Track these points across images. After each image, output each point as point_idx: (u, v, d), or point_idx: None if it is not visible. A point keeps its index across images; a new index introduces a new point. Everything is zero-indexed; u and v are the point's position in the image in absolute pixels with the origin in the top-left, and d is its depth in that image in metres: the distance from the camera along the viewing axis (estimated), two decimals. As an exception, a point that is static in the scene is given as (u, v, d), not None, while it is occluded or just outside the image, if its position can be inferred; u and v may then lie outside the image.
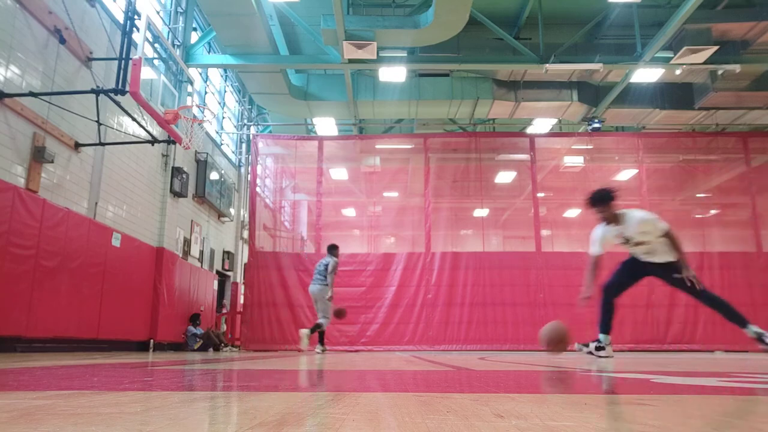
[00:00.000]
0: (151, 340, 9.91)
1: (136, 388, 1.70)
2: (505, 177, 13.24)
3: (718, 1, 11.65)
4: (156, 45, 10.27)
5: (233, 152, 15.80)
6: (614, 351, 5.56)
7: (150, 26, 7.47)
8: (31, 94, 6.88)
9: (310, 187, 12.48)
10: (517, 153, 12.75)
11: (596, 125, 12.95)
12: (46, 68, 7.34)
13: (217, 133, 14.09)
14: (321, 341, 8.33)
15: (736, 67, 11.59)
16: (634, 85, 13.13)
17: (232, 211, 14.84)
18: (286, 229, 13.33)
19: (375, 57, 10.98)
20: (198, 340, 11.17)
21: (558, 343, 4.77)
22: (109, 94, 7.35)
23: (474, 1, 9.89)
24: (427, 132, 14.79)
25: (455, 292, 10.74)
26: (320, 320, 8.17)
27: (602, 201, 4.93)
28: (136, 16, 7.57)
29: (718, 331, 10.59)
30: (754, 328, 4.60)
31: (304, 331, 7.87)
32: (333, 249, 8.33)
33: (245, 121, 16.09)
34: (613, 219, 4.93)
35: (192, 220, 12.24)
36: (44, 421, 0.98)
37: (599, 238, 5.07)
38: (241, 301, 12.76)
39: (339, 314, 8.31)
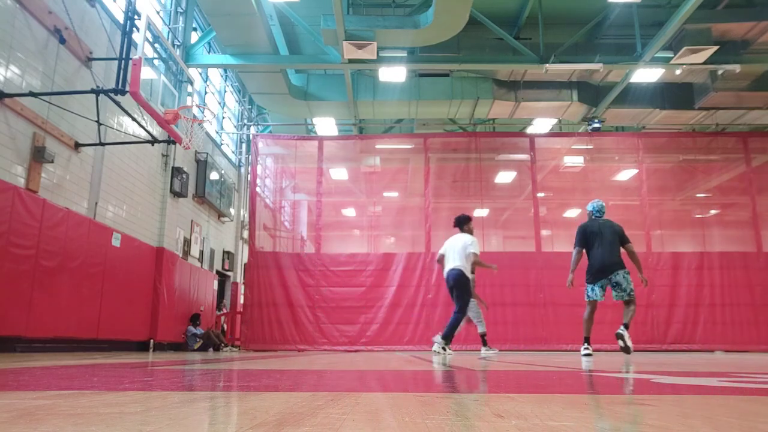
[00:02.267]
0: (151, 340, 9.91)
1: (136, 388, 1.70)
2: (505, 177, 13.23)
3: (718, 1, 11.64)
4: (156, 45, 10.27)
5: (233, 152, 15.80)
6: (614, 351, 5.54)
7: (150, 26, 7.47)
8: (31, 94, 6.88)
9: (310, 187, 12.48)
10: (517, 153, 12.74)
11: (596, 125, 12.94)
12: (46, 68, 7.34)
13: (217, 133, 14.09)
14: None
15: (736, 67, 11.58)
16: (634, 85, 13.11)
17: (232, 211, 14.84)
18: (286, 229, 13.33)
19: (375, 57, 10.97)
20: (198, 340, 11.18)
21: None
22: (109, 94, 7.35)
23: (474, 1, 9.88)
24: (427, 132, 14.78)
25: (455, 292, 10.70)
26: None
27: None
28: (136, 16, 7.57)
29: (718, 331, 10.60)
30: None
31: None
32: None
33: (245, 121, 16.08)
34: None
35: (192, 220, 12.24)
36: (44, 421, 0.98)
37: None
38: (241, 301, 12.77)
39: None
